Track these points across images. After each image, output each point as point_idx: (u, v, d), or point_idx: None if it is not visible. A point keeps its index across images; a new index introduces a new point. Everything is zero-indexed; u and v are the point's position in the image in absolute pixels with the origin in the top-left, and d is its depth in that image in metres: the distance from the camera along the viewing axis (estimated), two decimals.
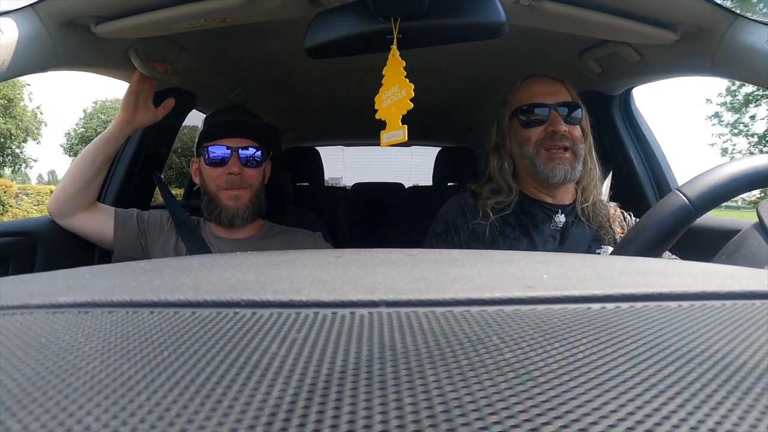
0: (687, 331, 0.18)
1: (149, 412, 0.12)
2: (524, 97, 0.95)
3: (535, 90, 0.95)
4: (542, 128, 0.92)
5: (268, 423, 0.12)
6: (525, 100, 0.94)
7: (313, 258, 0.35)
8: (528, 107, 0.94)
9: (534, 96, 0.94)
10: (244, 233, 1.09)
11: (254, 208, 1.03)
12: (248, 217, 1.02)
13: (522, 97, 0.95)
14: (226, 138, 1.01)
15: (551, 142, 0.91)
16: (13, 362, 0.16)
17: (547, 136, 0.92)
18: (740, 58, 0.82)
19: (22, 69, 0.76)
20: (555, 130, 0.91)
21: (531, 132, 0.93)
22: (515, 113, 0.95)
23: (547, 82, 0.96)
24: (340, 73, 1.47)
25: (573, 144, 0.92)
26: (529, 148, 0.93)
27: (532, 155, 0.93)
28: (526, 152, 0.94)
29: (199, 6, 0.80)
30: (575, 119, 0.93)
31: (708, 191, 0.53)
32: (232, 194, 1.01)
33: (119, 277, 0.29)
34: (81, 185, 1.00)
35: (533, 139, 0.92)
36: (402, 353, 0.16)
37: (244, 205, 1.01)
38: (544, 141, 0.92)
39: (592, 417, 0.12)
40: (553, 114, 0.92)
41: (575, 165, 0.92)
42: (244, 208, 1.01)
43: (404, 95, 0.71)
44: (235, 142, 1.01)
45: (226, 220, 1.01)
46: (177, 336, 0.18)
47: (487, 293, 0.21)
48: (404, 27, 0.71)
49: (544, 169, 0.91)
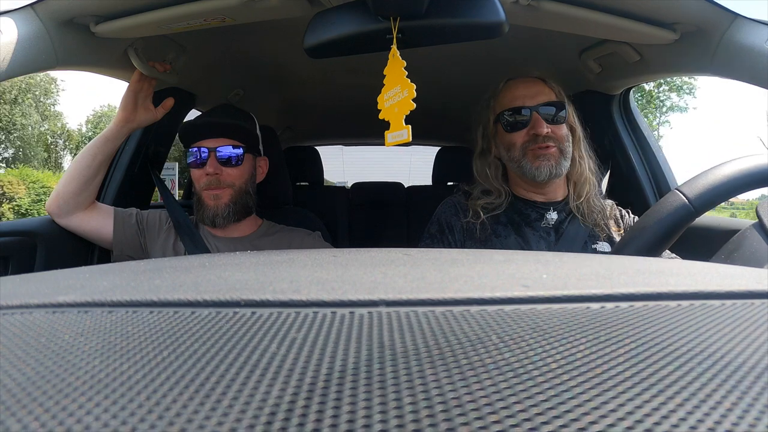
0: (686, 330, 0.18)
1: (149, 411, 0.12)
2: (506, 101, 0.95)
3: (516, 93, 0.95)
4: (525, 131, 0.92)
5: (267, 422, 0.12)
6: (507, 104, 0.95)
7: (312, 257, 0.35)
8: (510, 111, 0.94)
9: (515, 99, 0.94)
10: (239, 232, 1.09)
11: (236, 208, 1.02)
12: (228, 216, 1.02)
13: (504, 101, 0.96)
14: (204, 139, 1.02)
15: (535, 144, 0.91)
16: (12, 362, 0.16)
17: (531, 138, 0.92)
18: (740, 57, 0.82)
19: (22, 69, 0.76)
20: (537, 133, 0.91)
21: (515, 136, 0.93)
22: (498, 118, 0.96)
23: (529, 83, 0.95)
24: (340, 72, 1.47)
25: (558, 143, 0.92)
26: (515, 153, 0.93)
27: (519, 158, 0.93)
28: (513, 156, 0.94)
29: (198, 6, 0.80)
30: (559, 118, 0.93)
31: (707, 191, 0.53)
32: (212, 194, 1.02)
33: (119, 277, 0.29)
34: (80, 184, 1.00)
35: (518, 143, 0.93)
36: (401, 353, 0.16)
37: (223, 204, 1.01)
38: (528, 144, 0.92)
39: (592, 416, 0.12)
40: (535, 116, 0.92)
41: (561, 161, 0.92)
42: (224, 207, 1.01)
43: (406, 95, 0.71)
44: (213, 142, 1.02)
45: (207, 219, 1.02)
46: (177, 336, 0.18)
47: (487, 293, 0.21)
48: (403, 26, 0.71)
49: (530, 168, 0.92)
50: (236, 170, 1.03)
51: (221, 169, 1.01)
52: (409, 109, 0.71)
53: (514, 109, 0.93)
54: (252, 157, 1.07)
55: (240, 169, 1.03)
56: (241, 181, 1.03)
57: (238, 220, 1.05)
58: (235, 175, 1.02)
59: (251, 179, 1.07)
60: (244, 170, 1.04)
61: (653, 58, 1.02)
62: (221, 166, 1.01)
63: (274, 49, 1.26)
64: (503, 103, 0.95)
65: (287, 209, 1.28)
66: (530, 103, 0.93)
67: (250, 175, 1.06)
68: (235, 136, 1.03)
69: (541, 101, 0.93)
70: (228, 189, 1.02)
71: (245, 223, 1.10)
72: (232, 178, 1.02)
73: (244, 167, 1.04)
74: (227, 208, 1.01)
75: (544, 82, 0.95)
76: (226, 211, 1.01)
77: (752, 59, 0.79)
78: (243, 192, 1.04)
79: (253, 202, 1.08)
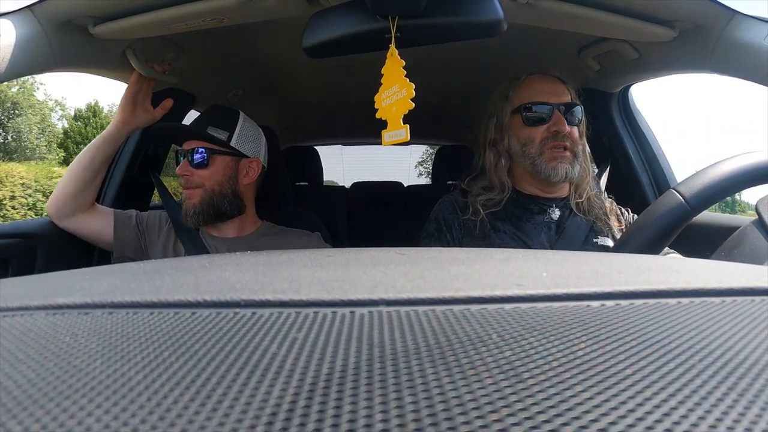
0: (687, 327, 0.18)
1: (150, 412, 0.12)
2: (528, 94, 0.94)
3: (540, 88, 0.94)
4: (545, 127, 0.92)
5: (268, 423, 0.12)
6: (529, 98, 0.94)
7: (312, 257, 0.35)
8: (532, 105, 0.93)
9: (538, 94, 0.93)
10: (238, 232, 1.09)
11: (205, 208, 1.03)
12: (196, 215, 1.02)
13: (526, 94, 0.95)
14: (181, 144, 1.07)
15: (554, 142, 0.91)
16: (13, 364, 0.16)
17: (550, 135, 0.91)
18: (739, 55, 0.82)
19: (20, 70, 0.76)
20: (558, 130, 0.90)
21: (535, 131, 0.92)
22: (518, 110, 0.95)
23: (551, 80, 0.95)
24: (339, 72, 1.47)
25: (573, 145, 0.92)
26: (532, 148, 0.92)
27: (535, 155, 0.92)
28: (528, 152, 0.93)
29: (197, 6, 0.80)
30: (577, 120, 0.93)
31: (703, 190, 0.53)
32: (185, 194, 1.05)
33: (119, 278, 0.29)
34: (80, 186, 1.00)
35: (537, 138, 0.92)
36: (402, 352, 0.16)
37: (192, 204, 1.03)
38: (547, 141, 0.91)
39: (593, 414, 0.12)
40: (557, 114, 0.91)
41: (574, 164, 0.92)
42: (192, 207, 1.03)
43: (405, 95, 0.71)
44: (188, 144, 1.05)
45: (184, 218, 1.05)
46: (177, 336, 0.18)
47: (487, 291, 0.21)
48: (402, 25, 0.71)
49: (546, 168, 0.91)
50: (205, 171, 1.03)
51: (191, 170, 1.03)
52: (407, 108, 0.71)
53: (537, 104, 0.93)
54: (230, 159, 1.05)
55: (209, 171, 1.03)
56: (212, 182, 1.03)
57: (210, 222, 1.05)
58: (204, 176, 1.03)
59: (228, 181, 1.05)
60: (214, 172, 1.03)
61: (652, 55, 1.02)
62: (191, 168, 1.03)
63: (273, 50, 1.26)
64: (524, 96, 0.94)
65: (287, 209, 1.28)
66: (553, 101, 0.92)
67: (224, 176, 1.04)
68: (205, 139, 1.03)
69: (564, 101, 0.93)
70: (198, 189, 1.03)
71: (244, 224, 1.10)
72: (202, 179, 1.03)
73: (214, 169, 1.03)
74: (194, 208, 1.02)
75: (563, 83, 0.95)
76: (192, 210, 1.03)
77: (751, 56, 0.79)
78: (215, 193, 1.03)
79: (233, 203, 1.06)
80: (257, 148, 1.10)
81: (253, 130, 1.10)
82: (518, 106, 0.95)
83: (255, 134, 1.10)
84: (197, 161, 1.03)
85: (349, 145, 2.94)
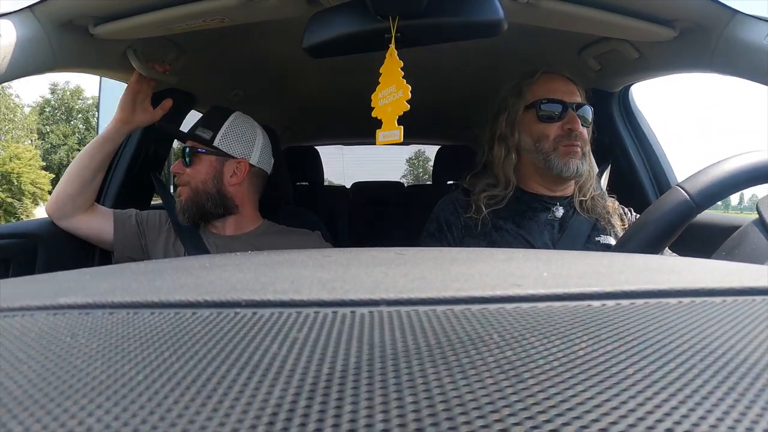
0: (687, 327, 0.18)
1: (151, 412, 0.12)
2: (544, 91, 0.95)
3: (556, 86, 0.95)
4: (559, 125, 0.92)
5: (269, 423, 0.12)
6: (545, 94, 0.94)
7: (313, 257, 0.35)
8: (548, 102, 0.94)
9: (554, 92, 0.94)
10: (237, 229, 1.09)
11: (191, 204, 1.04)
12: (185, 210, 1.04)
13: (541, 90, 0.95)
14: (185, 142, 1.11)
15: (568, 141, 0.92)
16: (14, 364, 0.16)
17: (564, 134, 0.92)
18: (739, 54, 0.82)
19: (21, 71, 0.76)
20: (572, 128, 0.91)
21: (549, 128, 0.93)
22: (532, 106, 0.95)
23: (565, 81, 0.96)
24: (339, 72, 1.47)
25: (583, 144, 0.93)
26: (546, 144, 0.93)
27: (548, 151, 0.92)
28: (541, 148, 0.93)
29: (197, 6, 0.80)
30: (587, 121, 0.95)
31: (709, 187, 0.53)
32: (177, 191, 1.09)
33: (120, 278, 0.29)
34: (79, 186, 1.00)
35: (551, 135, 0.92)
36: (403, 352, 0.16)
37: (181, 201, 1.06)
38: (561, 138, 0.92)
39: (594, 414, 0.12)
40: (571, 113, 0.92)
41: (583, 162, 0.93)
42: (180, 203, 1.06)
43: (401, 96, 0.71)
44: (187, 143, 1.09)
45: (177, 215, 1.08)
46: (178, 336, 0.18)
47: (488, 291, 0.21)
48: (402, 26, 0.71)
49: (558, 163, 0.91)
50: (191, 170, 1.05)
51: (182, 168, 1.06)
52: (402, 110, 0.71)
53: (553, 101, 0.93)
54: (214, 158, 1.05)
55: (193, 169, 1.05)
56: (195, 181, 1.05)
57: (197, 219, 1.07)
58: (190, 174, 1.05)
59: (212, 180, 1.05)
60: (198, 170, 1.05)
61: (652, 55, 1.02)
62: (183, 166, 1.06)
63: (273, 50, 1.26)
64: (540, 93, 0.95)
65: (288, 209, 1.28)
66: (569, 100, 0.93)
67: (208, 175, 1.05)
68: (193, 138, 1.06)
69: (576, 101, 0.94)
70: (185, 187, 1.06)
71: (242, 222, 1.10)
72: (189, 177, 1.06)
73: (198, 167, 1.05)
74: (181, 205, 1.05)
75: (576, 85, 0.96)
76: (180, 207, 1.06)
77: (752, 56, 0.79)
78: (200, 191, 1.05)
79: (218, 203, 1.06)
80: (247, 149, 1.07)
81: (243, 131, 1.07)
82: (532, 102, 0.95)
83: (246, 135, 1.08)
84: (186, 160, 1.06)
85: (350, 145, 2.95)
